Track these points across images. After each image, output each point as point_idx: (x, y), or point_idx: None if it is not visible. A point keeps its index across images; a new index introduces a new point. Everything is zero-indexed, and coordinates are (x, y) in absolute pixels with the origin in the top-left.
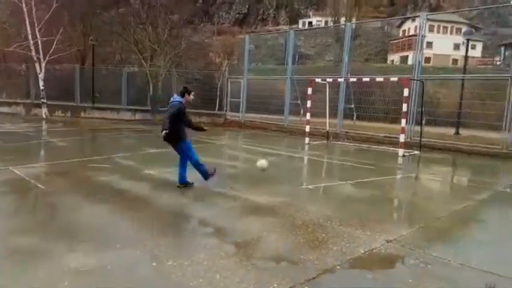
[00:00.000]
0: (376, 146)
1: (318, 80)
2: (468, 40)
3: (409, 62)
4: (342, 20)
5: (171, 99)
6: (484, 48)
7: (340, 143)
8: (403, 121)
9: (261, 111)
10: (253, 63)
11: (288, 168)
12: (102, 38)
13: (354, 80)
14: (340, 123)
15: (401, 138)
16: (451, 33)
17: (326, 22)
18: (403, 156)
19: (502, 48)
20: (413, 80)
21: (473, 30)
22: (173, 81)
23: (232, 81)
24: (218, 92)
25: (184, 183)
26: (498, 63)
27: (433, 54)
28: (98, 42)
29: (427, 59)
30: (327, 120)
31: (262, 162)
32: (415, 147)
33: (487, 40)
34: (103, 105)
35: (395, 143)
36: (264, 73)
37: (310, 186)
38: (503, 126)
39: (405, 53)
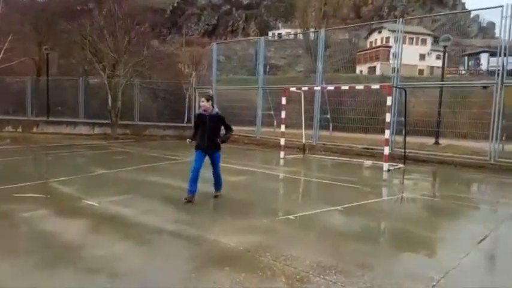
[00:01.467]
0: (356, 160)
1: (293, 89)
2: (445, 47)
3: (377, 72)
4: (311, 30)
5: (216, 109)
6: (448, 58)
7: (317, 156)
8: (387, 132)
9: (232, 123)
10: (224, 74)
11: (263, 190)
12: (61, 48)
13: (332, 88)
14: (316, 135)
15: (386, 150)
16: (417, 43)
17: (295, 34)
18: (388, 170)
19: (466, 58)
20: (397, 87)
21: (450, 37)
22: (135, 93)
23: (201, 92)
24: (187, 104)
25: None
26: (463, 72)
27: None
28: (60, 53)
29: (394, 69)
30: (303, 132)
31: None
32: (397, 159)
33: (451, 51)
34: (58, 119)
35: (375, 155)
36: (235, 84)
37: (290, 217)
38: (490, 135)
39: (373, 64)
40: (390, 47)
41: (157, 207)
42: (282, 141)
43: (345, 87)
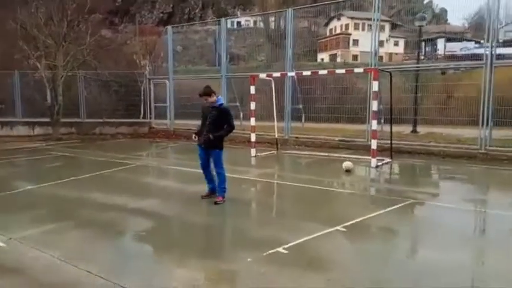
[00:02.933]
0: (335, 154)
1: (263, 75)
2: (420, 27)
3: (338, 59)
4: (271, 19)
5: (219, 100)
6: (406, 44)
7: (292, 152)
8: (374, 122)
9: (193, 117)
10: (182, 65)
11: (238, 204)
12: None
13: (308, 73)
14: (288, 128)
15: (373, 144)
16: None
17: (255, 22)
18: (377, 167)
19: (423, 43)
20: (384, 71)
21: (425, 15)
22: (80, 85)
23: (156, 82)
24: (142, 97)
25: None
26: (422, 57)
27: (360, 51)
28: None
29: (354, 57)
30: (275, 125)
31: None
32: (380, 152)
33: (407, 37)
34: None
35: (352, 148)
36: (194, 74)
37: (280, 249)
38: (480, 122)
39: (334, 51)
40: (350, 34)
41: (91, 247)
42: (253, 137)
43: (323, 72)
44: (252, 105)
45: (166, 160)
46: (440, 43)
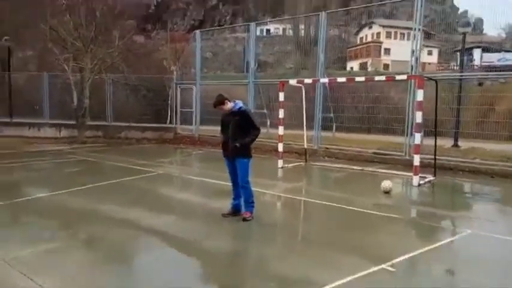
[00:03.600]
0: (368, 168)
1: (293, 81)
2: (464, 35)
3: (369, 68)
4: (301, 26)
5: (236, 105)
6: (439, 54)
7: (321, 164)
8: (417, 136)
9: (219, 123)
10: (211, 71)
11: (262, 226)
12: (18, 38)
13: (343, 80)
14: (317, 137)
15: (416, 160)
16: (408, 39)
17: (284, 29)
18: (419, 185)
19: (458, 53)
20: (430, 79)
21: (471, 22)
22: (108, 89)
23: (183, 87)
24: (170, 102)
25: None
26: (456, 67)
27: (391, 60)
28: (15, 43)
29: (386, 66)
30: (305, 134)
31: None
32: (422, 169)
33: (441, 46)
34: (21, 120)
35: (388, 162)
36: (222, 80)
37: None
38: None
39: (364, 60)
40: (381, 42)
41: (89, 277)
42: (280, 147)
43: (360, 78)
44: (281, 113)
45: (189, 169)
46: (477, 53)
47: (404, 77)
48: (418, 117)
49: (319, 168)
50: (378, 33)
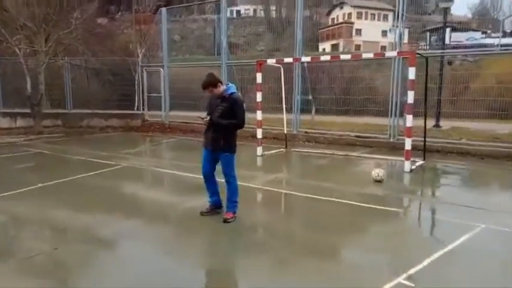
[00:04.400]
0: (355, 154)
1: (271, 61)
2: (446, 10)
3: (340, 49)
4: (272, 7)
5: (228, 89)
6: (410, 34)
7: (303, 150)
8: (409, 118)
9: (190, 108)
10: (180, 54)
11: (246, 228)
12: None
13: (327, 58)
14: (296, 121)
15: (408, 144)
16: (379, 19)
17: (255, 10)
18: (411, 171)
19: (428, 33)
20: (422, 56)
21: None
22: (66, 74)
23: (150, 70)
24: (137, 87)
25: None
26: (426, 47)
27: (363, 41)
28: None
29: (357, 46)
30: (284, 118)
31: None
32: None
33: (412, 26)
34: None
35: (371, 145)
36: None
37: None
38: None
39: (336, 41)
40: (353, 23)
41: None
42: (259, 133)
43: (345, 56)
44: (258, 96)
45: (159, 160)
46: (446, 33)
47: (394, 53)
48: (410, 97)
49: (300, 154)
50: (349, 14)
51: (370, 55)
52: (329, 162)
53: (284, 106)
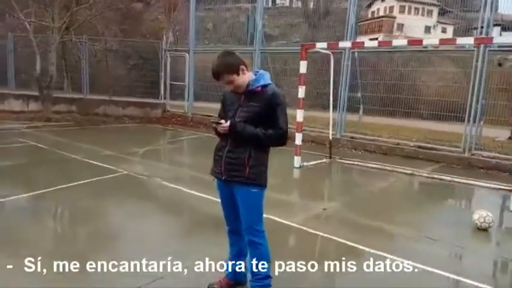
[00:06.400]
0: (424, 173)
1: (322, 45)
2: None
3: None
4: None
5: (258, 77)
6: (454, 32)
7: (352, 161)
8: None
9: (216, 100)
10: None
11: None
12: None
13: (404, 43)
14: (342, 123)
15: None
16: (423, 15)
17: (291, 1)
18: None
19: (474, 31)
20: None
21: None
22: (84, 54)
23: (174, 55)
24: (162, 73)
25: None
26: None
27: (405, 36)
28: None
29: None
30: (330, 120)
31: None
32: (490, 170)
33: (456, 24)
34: None
35: (442, 160)
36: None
37: None
38: None
39: (375, 35)
40: (394, 17)
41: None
42: (298, 139)
43: (432, 41)
44: (300, 92)
45: (171, 168)
46: (496, 32)
47: (470, 40)
48: None
49: (350, 168)
50: (391, 7)
51: (436, 41)
52: (393, 183)
53: (331, 105)
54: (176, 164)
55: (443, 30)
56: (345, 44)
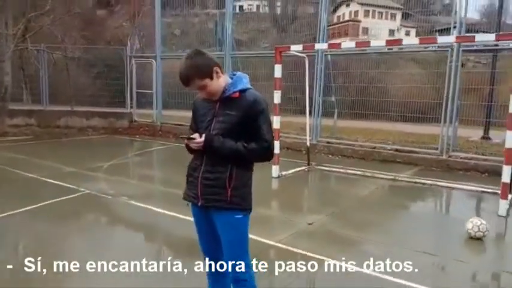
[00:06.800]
0: (405, 177)
1: (297, 47)
2: None
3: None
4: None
5: (235, 81)
6: (417, 34)
7: (330, 167)
8: (510, 134)
9: (186, 107)
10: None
11: None
12: None
13: (382, 43)
14: (317, 128)
15: (507, 174)
16: (386, 18)
17: (258, 6)
18: (507, 216)
19: (437, 34)
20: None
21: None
22: (42, 63)
23: (140, 62)
24: (128, 80)
25: None
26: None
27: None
28: None
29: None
30: (307, 125)
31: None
32: (468, 172)
33: (419, 27)
34: None
35: (419, 163)
36: None
37: None
38: None
39: (342, 39)
40: (359, 21)
41: None
42: (276, 147)
43: (412, 41)
44: (276, 97)
45: (138, 184)
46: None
47: (451, 38)
48: None
49: (330, 176)
50: (356, 12)
51: (415, 41)
52: (375, 191)
53: (307, 109)
54: (144, 179)
55: (407, 33)
56: (321, 45)
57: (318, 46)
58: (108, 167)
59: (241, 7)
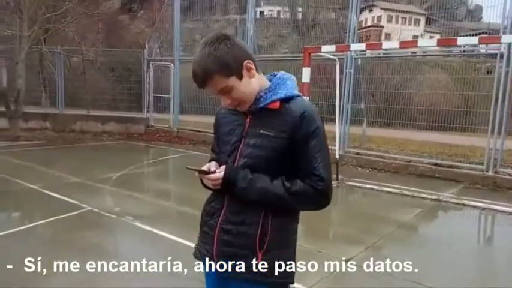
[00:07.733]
0: (451, 197)
1: (329, 48)
2: None
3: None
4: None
5: (275, 84)
6: None
7: (363, 183)
8: None
9: (205, 112)
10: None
11: None
12: None
13: (433, 43)
14: (345, 137)
15: None
16: (410, 24)
17: (278, 12)
18: None
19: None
20: None
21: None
22: (58, 66)
23: (157, 65)
24: (147, 85)
25: None
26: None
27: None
28: None
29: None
30: (337, 135)
31: None
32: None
33: (443, 32)
34: None
35: (460, 179)
36: None
37: None
38: None
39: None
40: (382, 27)
41: None
42: None
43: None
44: None
45: (150, 200)
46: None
47: (474, 40)
48: None
49: (363, 193)
50: (379, 17)
51: (475, 40)
52: (420, 214)
53: (337, 118)
54: (155, 195)
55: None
56: (358, 46)
57: (353, 47)
58: (117, 178)
59: (261, 13)
